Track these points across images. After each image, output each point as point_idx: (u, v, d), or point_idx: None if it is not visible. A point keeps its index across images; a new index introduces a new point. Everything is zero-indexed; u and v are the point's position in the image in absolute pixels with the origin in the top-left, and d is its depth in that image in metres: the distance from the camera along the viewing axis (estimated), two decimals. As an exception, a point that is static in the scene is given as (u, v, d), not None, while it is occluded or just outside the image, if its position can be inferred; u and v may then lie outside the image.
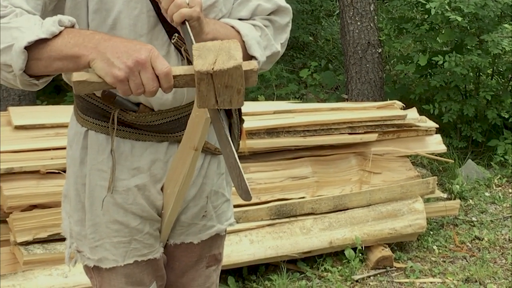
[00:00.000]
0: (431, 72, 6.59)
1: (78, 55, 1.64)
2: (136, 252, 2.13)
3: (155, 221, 2.14)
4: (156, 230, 2.16)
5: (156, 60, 1.61)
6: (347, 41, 6.61)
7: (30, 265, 3.57)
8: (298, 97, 7.47)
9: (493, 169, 6.02)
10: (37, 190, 3.61)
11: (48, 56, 1.65)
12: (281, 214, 4.24)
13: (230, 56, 1.58)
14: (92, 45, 1.63)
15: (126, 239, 2.10)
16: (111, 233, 2.09)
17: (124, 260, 2.12)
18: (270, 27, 2.10)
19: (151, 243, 2.15)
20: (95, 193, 2.06)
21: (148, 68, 1.61)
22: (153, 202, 2.10)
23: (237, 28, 1.99)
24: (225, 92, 1.59)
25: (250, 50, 1.99)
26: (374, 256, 4.44)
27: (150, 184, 2.07)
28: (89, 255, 2.13)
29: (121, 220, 2.08)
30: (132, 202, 2.07)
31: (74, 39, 1.65)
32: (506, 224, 5.11)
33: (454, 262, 4.59)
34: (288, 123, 4.33)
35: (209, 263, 2.32)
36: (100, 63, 1.61)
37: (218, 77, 1.57)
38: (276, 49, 2.10)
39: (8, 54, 1.63)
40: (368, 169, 4.58)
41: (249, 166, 4.27)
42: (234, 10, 2.06)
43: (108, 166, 2.03)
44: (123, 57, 1.60)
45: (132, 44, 1.63)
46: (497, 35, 5.93)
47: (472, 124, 6.44)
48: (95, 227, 2.09)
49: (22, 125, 3.79)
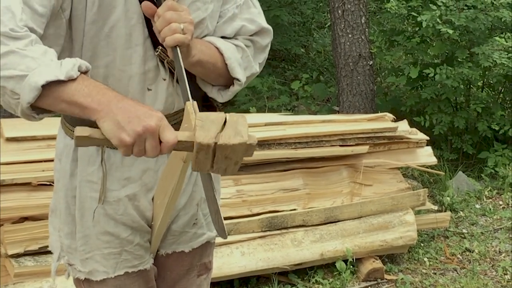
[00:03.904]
0: (422, 84, 6.62)
1: (88, 106, 1.63)
2: (127, 264, 2.13)
3: (145, 232, 2.14)
4: (147, 242, 2.17)
5: (165, 130, 1.61)
6: (338, 53, 6.63)
7: (21, 277, 3.56)
8: (290, 109, 7.49)
9: (483, 181, 6.04)
10: (28, 202, 3.60)
11: (57, 96, 1.64)
12: (272, 226, 4.25)
13: (237, 132, 1.60)
14: (105, 101, 1.63)
15: (117, 250, 2.11)
16: (102, 245, 2.09)
17: (114, 272, 2.12)
18: (251, 48, 2.14)
19: (141, 254, 2.15)
20: (86, 205, 2.06)
21: (155, 137, 1.61)
22: (143, 212, 2.11)
23: (221, 50, 2.03)
24: (223, 162, 1.62)
25: (233, 72, 2.05)
26: (365, 268, 4.44)
27: (141, 193, 2.08)
28: (80, 268, 2.13)
29: (111, 231, 2.08)
30: (122, 213, 2.08)
31: (88, 88, 1.65)
32: (497, 236, 5.13)
33: (444, 274, 4.60)
34: (280, 135, 4.34)
35: (200, 271, 2.33)
36: (110, 124, 1.60)
37: (220, 149, 1.59)
38: (255, 70, 2.16)
39: (19, 83, 1.61)
40: (359, 181, 4.59)
41: (241, 178, 4.28)
42: (219, 28, 2.09)
43: (98, 177, 2.03)
44: (133, 123, 1.60)
45: (143, 110, 1.63)
46: (487, 47, 5.97)
47: (462, 136, 6.46)
48: (85, 239, 2.09)
49: (13, 137, 3.78)
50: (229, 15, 2.10)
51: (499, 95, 6.78)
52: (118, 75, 1.95)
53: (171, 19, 1.82)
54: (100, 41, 1.90)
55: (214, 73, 2.05)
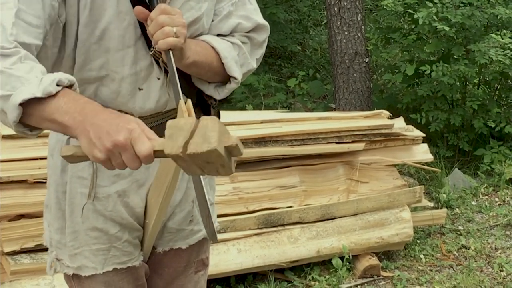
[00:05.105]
0: (418, 81, 6.63)
1: (67, 125, 1.60)
2: (115, 260, 2.14)
3: (135, 229, 2.15)
4: (136, 238, 2.17)
5: (137, 142, 1.55)
6: (334, 50, 6.63)
7: (18, 275, 3.56)
8: (286, 106, 7.48)
9: (479, 178, 6.05)
10: (25, 199, 3.60)
11: (39, 114, 1.62)
12: (268, 223, 4.25)
13: (205, 139, 1.49)
14: (80, 119, 1.59)
15: (105, 246, 2.12)
16: (90, 240, 2.11)
17: (103, 268, 2.14)
18: (248, 44, 2.14)
19: (130, 251, 2.16)
20: (76, 201, 2.08)
21: (128, 149, 1.56)
22: (133, 209, 2.11)
23: (217, 50, 2.03)
24: (208, 166, 1.53)
25: (230, 71, 2.05)
26: (362, 265, 4.45)
27: (132, 189, 2.09)
28: (68, 263, 2.15)
29: (100, 227, 2.10)
30: (111, 209, 2.09)
31: (67, 105, 1.61)
32: (493, 233, 5.14)
33: (441, 271, 4.61)
34: (276, 133, 4.35)
35: (198, 268, 2.35)
36: (84, 141, 1.58)
37: (193, 158, 1.51)
38: (252, 66, 2.16)
39: (6, 103, 1.60)
40: (355, 178, 4.59)
41: (237, 176, 4.28)
42: (214, 27, 2.09)
43: (88, 173, 2.04)
44: (103, 139, 1.56)
45: (115, 123, 1.58)
46: (484, 45, 5.97)
47: (459, 133, 6.47)
48: (74, 235, 2.11)
49: (9, 135, 3.78)
50: (224, 13, 2.09)
51: (495, 92, 6.79)
52: (111, 76, 1.95)
53: (164, 22, 1.82)
54: (92, 44, 1.90)
55: (210, 72, 2.06)
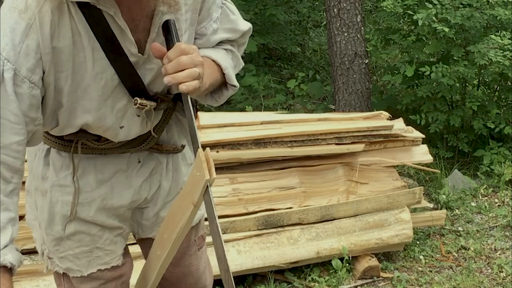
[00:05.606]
0: (418, 82, 6.63)
1: None
2: (99, 261, 2.21)
3: (115, 227, 2.21)
4: (117, 236, 2.22)
5: None
6: (334, 51, 6.63)
7: (17, 276, 3.56)
8: (286, 107, 7.49)
9: (479, 179, 6.05)
10: (24, 200, 3.59)
11: None
12: (268, 225, 4.25)
13: None
14: None
15: (88, 248, 2.17)
16: (73, 244, 2.16)
17: (87, 270, 2.20)
18: (235, 46, 2.18)
19: (112, 249, 2.22)
20: (56, 209, 2.12)
21: None
22: (116, 209, 2.17)
23: (217, 62, 2.04)
24: None
25: (230, 81, 2.08)
26: (361, 266, 4.45)
27: (114, 192, 2.14)
28: (57, 263, 2.22)
29: (82, 229, 2.14)
30: (93, 214, 2.13)
31: None
32: (492, 234, 5.14)
33: (440, 272, 4.61)
34: (276, 134, 4.35)
35: (199, 244, 2.44)
36: None
37: None
38: (242, 64, 2.22)
39: None
40: (355, 179, 4.59)
41: (237, 177, 4.28)
42: (203, 45, 2.09)
43: (71, 181, 2.08)
44: None
45: None
46: (483, 46, 5.97)
47: (458, 134, 6.47)
48: (57, 241, 2.16)
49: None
50: (210, 31, 2.08)
51: (495, 93, 6.79)
52: (95, 130, 1.99)
53: (186, 65, 1.78)
54: (76, 109, 1.91)
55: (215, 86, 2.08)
